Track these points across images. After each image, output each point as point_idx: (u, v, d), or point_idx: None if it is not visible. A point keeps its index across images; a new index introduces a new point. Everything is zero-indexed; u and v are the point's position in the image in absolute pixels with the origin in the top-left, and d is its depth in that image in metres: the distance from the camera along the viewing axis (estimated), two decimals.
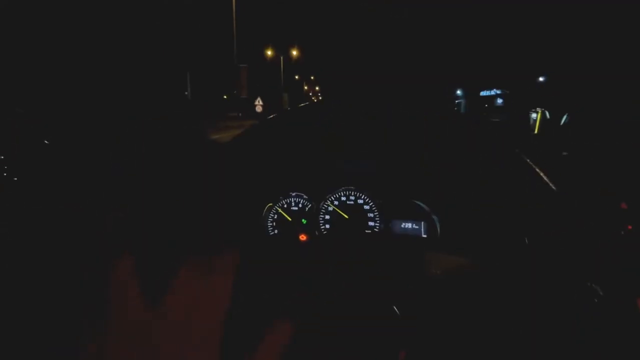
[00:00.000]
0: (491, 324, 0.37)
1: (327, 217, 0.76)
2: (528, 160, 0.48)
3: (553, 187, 0.46)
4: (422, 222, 0.73)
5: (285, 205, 0.77)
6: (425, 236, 0.72)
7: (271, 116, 0.70)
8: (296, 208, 0.76)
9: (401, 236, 0.72)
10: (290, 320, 0.29)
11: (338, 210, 0.76)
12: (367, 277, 0.41)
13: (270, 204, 0.76)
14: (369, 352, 0.35)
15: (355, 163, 0.78)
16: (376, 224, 0.75)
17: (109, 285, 0.24)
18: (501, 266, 0.47)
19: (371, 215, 0.75)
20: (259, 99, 14.47)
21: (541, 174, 0.47)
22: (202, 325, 0.24)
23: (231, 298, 0.26)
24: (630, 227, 0.53)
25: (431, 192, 0.73)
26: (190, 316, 0.23)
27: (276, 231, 0.75)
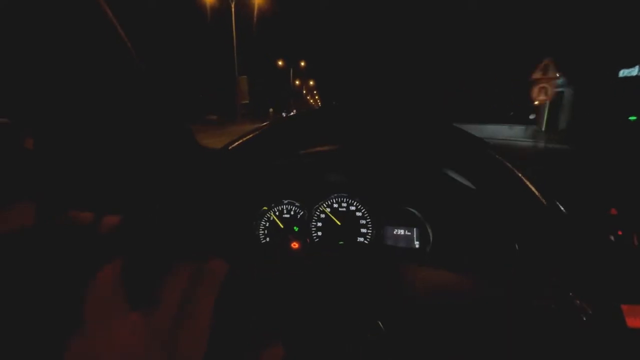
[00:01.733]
0: (480, 336, 0.37)
1: (319, 224, 0.76)
2: (514, 168, 0.48)
3: (539, 196, 0.46)
4: (415, 229, 0.73)
5: (277, 213, 0.76)
6: (417, 246, 0.72)
7: (264, 124, 0.70)
8: (288, 215, 0.76)
9: (392, 248, 0.72)
10: (278, 331, 0.29)
11: (331, 216, 0.76)
12: (355, 289, 0.40)
13: (265, 208, 0.76)
14: None
15: (348, 170, 0.78)
16: (368, 231, 0.74)
17: (101, 289, 0.24)
18: (491, 277, 0.46)
19: (363, 222, 0.75)
20: None
21: (528, 183, 0.47)
22: (191, 332, 0.24)
23: (221, 305, 0.26)
24: (620, 232, 0.53)
25: (423, 198, 0.73)
26: (180, 323, 0.23)
27: (268, 239, 0.75)
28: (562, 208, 0.46)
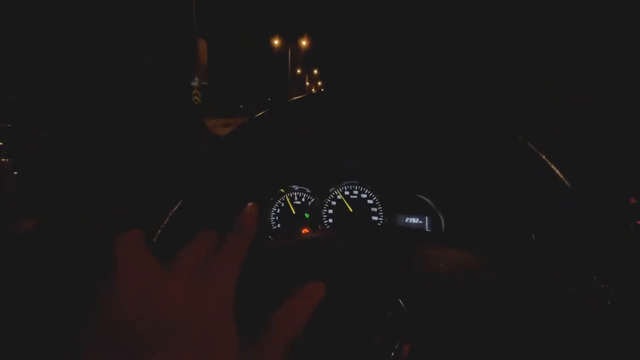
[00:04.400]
0: (497, 320, 0.37)
1: (330, 211, 0.75)
2: (538, 152, 0.47)
3: (564, 180, 0.45)
4: (427, 217, 0.73)
5: (289, 200, 0.76)
6: (429, 231, 0.72)
7: (273, 109, 0.68)
8: (299, 202, 0.76)
9: (405, 229, 0.72)
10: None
11: (345, 202, 0.75)
12: (371, 271, 0.40)
13: (282, 190, 0.75)
14: (373, 345, 0.34)
15: (358, 157, 0.77)
16: (380, 219, 0.74)
17: (128, 255, 0.25)
18: (507, 262, 0.46)
19: (374, 209, 0.74)
20: None
21: (552, 166, 0.46)
22: (212, 309, 0.24)
23: (234, 290, 0.26)
24: (639, 222, 0.52)
25: (435, 186, 0.72)
26: (201, 301, 0.24)
27: (279, 225, 0.74)
28: (583, 196, 0.46)
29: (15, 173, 0.62)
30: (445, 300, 0.37)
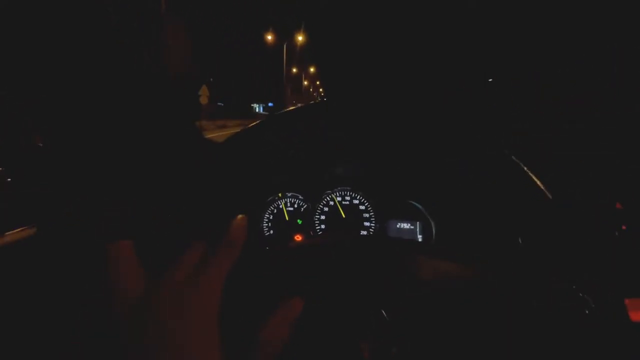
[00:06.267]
0: (483, 329, 0.37)
1: (323, 217, 0.76)
2: (520, 163, 0.48)
3: (545, 190, 0.45)
4: (418, 223, 0.73)
5: (281, 206, 0.77)
6: (420, 238, 0.72)
7: (269, 116, 0.70)
8: (292, 208, 0.77)
9: (395, 239, 0.72)
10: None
11: (338, 206, 0.76)
12: (358, 280, 0.41)
13: (280, 194, 0.76)
14: (359, 353, 0.35)
15: (351, 163, 0.78)
16: (371, 224, 0.75)
17: (119, 258, 0.26)
18: (495, 269, 0.46)
19: (366, 215, 0.75)
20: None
21: (533, 177, 0.47)
22: (196, 320, 0.25)
23: (225, 296, 0.28)
24: (624, 227, 0.52)
25: (426, 192, 0.73)
26: (185, 312, 0.25)
27: (271, 232, 0.76)
28: (567, 202, 0.46)
29: (9, 180, 0.64)
30: (431, 309, 0.38)
